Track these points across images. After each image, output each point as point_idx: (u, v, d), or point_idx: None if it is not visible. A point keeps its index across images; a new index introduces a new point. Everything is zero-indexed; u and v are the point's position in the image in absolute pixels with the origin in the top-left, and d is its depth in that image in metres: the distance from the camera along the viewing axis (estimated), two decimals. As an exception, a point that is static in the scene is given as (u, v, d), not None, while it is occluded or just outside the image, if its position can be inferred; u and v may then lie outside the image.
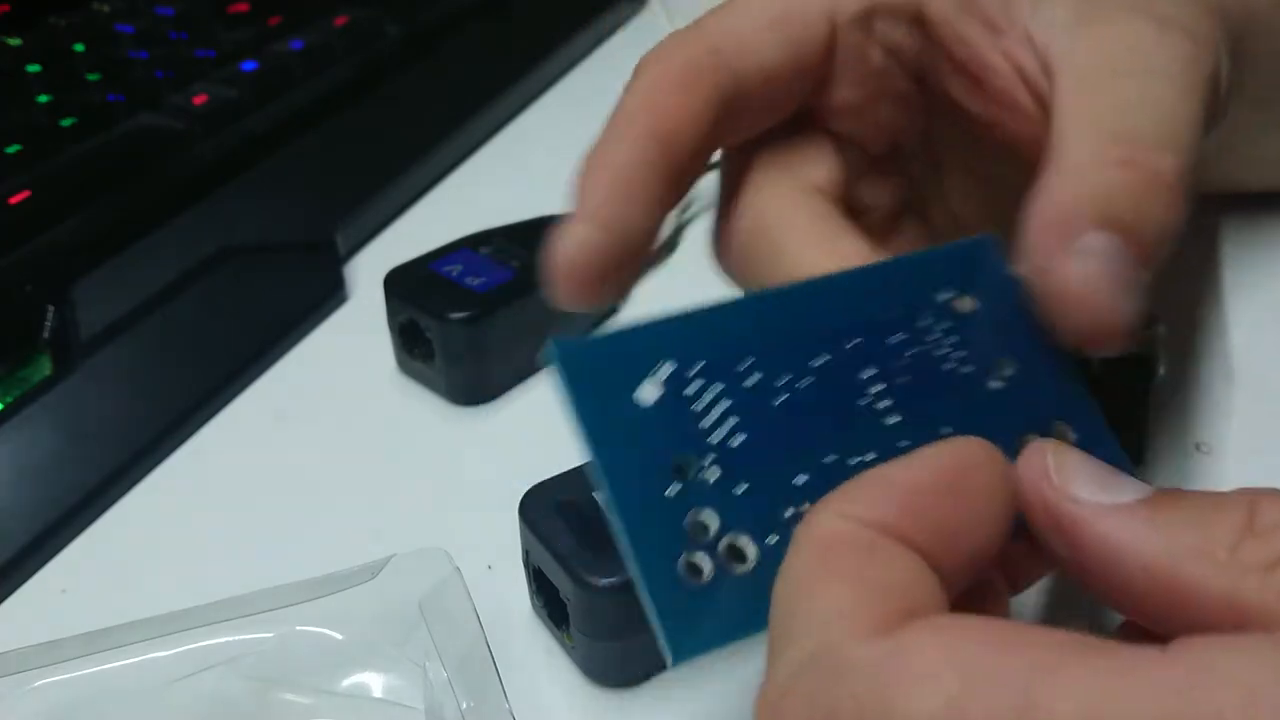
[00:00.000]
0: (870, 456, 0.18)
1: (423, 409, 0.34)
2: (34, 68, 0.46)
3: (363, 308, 0.38)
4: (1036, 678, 0.14)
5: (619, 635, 0.24)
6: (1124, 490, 0.17)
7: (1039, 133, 0.24)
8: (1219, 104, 0.23)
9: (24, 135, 0.41)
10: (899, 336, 0.19)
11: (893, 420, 0.19)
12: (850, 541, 0.16)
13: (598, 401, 0.17)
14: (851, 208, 0.27)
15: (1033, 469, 0.17)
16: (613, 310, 0.37)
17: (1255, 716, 0.13)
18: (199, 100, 0.44)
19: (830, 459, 0.18)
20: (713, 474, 0.17)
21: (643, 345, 0.18)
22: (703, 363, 0.18)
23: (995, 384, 0.20)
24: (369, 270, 0.40)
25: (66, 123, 0.42)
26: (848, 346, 0.19)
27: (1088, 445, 0.19)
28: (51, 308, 0.34)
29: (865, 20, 0.25)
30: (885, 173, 0.28)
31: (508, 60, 0.53)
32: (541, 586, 0.25)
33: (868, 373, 0.19)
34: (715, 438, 0.18)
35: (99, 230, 0.38)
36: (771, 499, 0.18)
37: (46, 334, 0.34)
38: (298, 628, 0.25)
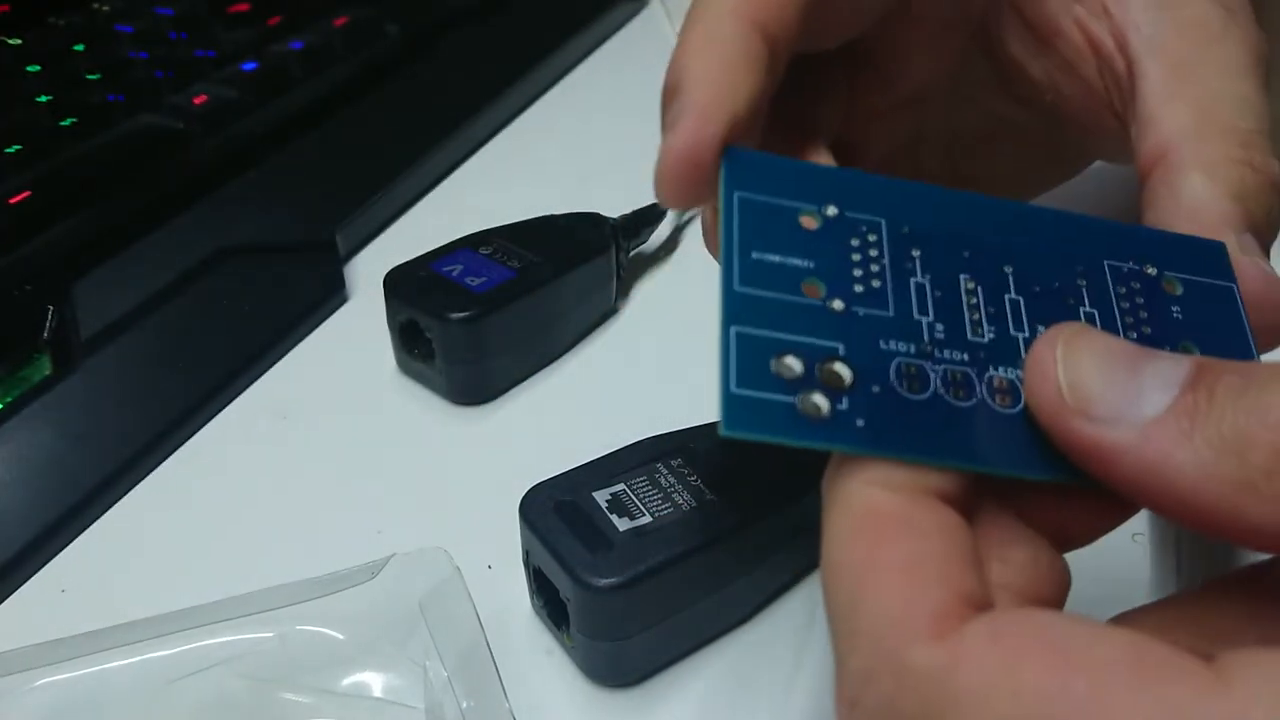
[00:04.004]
0: (999, 371, 0.18)
1: (423, 409, 0.34)
2: (34, 68, 0.46)
3: (363, 308, 0.38)
4: (1093, 709, 0.13)
5: (619, 635, 0.24)
6: (1150, 393, 0.16)
7: (1096, 105, 0.25)
8: None
9: (24, 135, 0.41)
10: (1083, 281, 0.20)
11: (1023, 336, 0.19)
12: (888, 518, 0.16)
13: (756, 209, 0.19)
14: (854, 141, 0.27)
15: (1043, 389, 0.17)
16: (613, 311, 0.37)
17: None
18: (199, 100, 0.44)
19: (939, 334, 0.19)
20: (837, 305, 0.18)
21: (821, 182, 0.19)
22: (866, 222, 0.19)
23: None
24: (369, 270, 0.40)
25: (66, 123, 0.42)
26: (1023, 266, 0.20)
27: None
28: (51, 308, 0.34)
29: None
30: (898, 115, 0.28)
31: (508, 60, 0.53)
32: (541, 586, 0.25)
33: (1022, 295, 0.19)
34: (851, 281, 0.18)
35: (99, 230, 0.38)
36: (878, 346, 0.18)
37: (46, 334, 0.34)
38: (298, 627, 0.25)
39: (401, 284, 0.33)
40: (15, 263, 0.36)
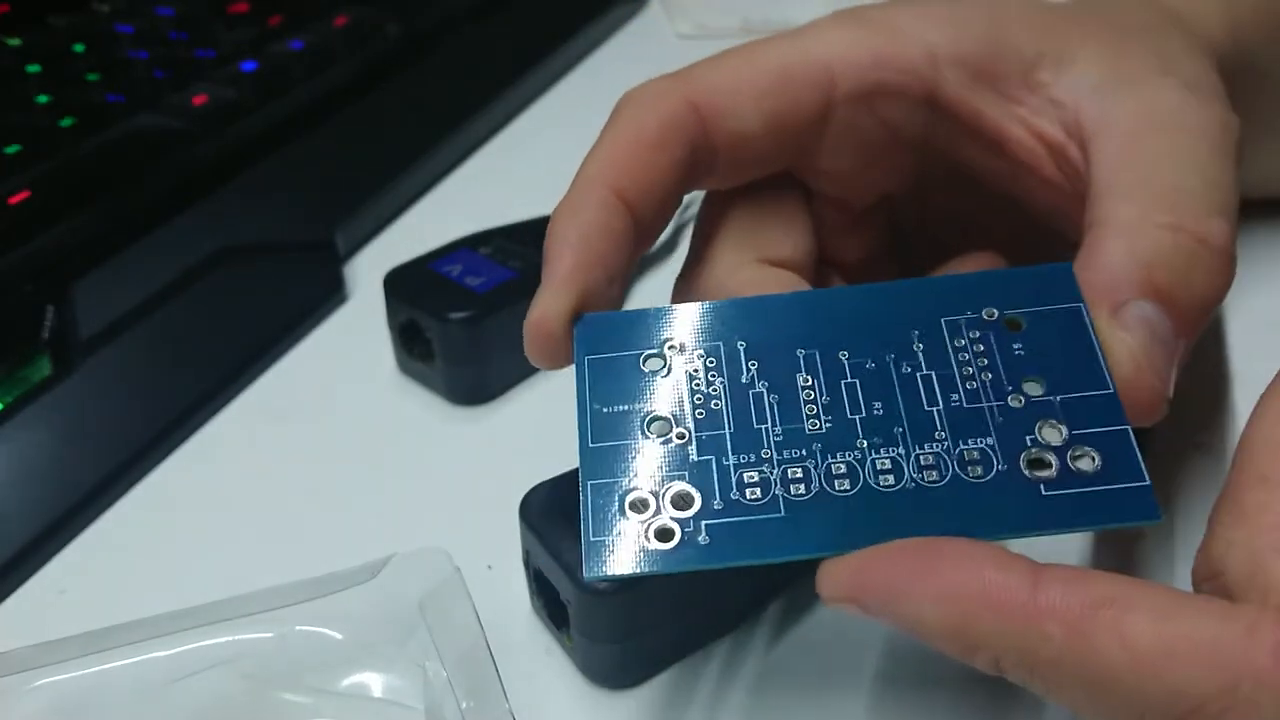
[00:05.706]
0: (838, 457, 0.19)
1: (423, 409, 0.34)
2: (34, 68, 0.46)
3: (363, 308, 0.38)
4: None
5: (619, 637, 0.24)
6: None
7: (1063, 198, 0.24)
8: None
9: (24, 135, 0.41)
10: (920, 345, 0.20)
11: (859, 417, 0.20)
12: None
13: (605, 366, 0.21)
14: (830, 259, 0.27)
15: None
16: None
17: None
18: (199, 100, 0.44)
19: (788, 447, 0.20)
20: (681, 435, 0.20)
21: (662, 324, 0.22)
22: (703, 349, 0.21)
23: (1014, 401, 0.20)
24: (369, 270, 0.40)
25: (66, 123, 0.42)
26: (857, 348, 0.21)
27: (1109, 473, 0.19)
28: (51, 308, 0.34)
29: (866, 99, 0.24)
30: (868, 222, 0.27)
31: (508, 60, 0.53)
32: (542, 587, 0.25)
33: (858, 377, 0.20)
34: (693, 409, 0.20)
35: (99, 230, 0.38)
36: (720, 464, 0.20)
37: (46, 334, 0.34)
38: (298, 628, 0.25)
39: (401, 284, 0.33)
40: (15, 263, 0.36)
